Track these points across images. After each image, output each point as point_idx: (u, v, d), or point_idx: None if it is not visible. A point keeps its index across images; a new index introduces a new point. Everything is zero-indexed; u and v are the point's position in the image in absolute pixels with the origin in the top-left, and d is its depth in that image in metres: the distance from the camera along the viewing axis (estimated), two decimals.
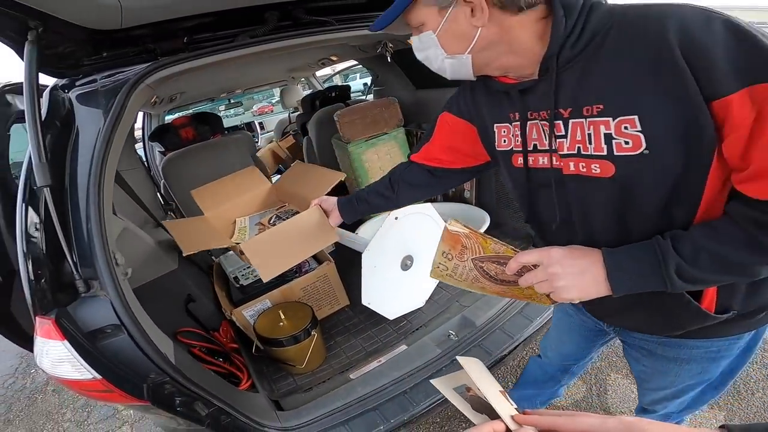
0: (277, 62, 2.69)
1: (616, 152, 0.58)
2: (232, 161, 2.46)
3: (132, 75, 1.13)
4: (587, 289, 0.62)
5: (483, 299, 1.67)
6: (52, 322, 0.89)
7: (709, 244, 0.56)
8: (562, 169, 0.67)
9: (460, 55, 0.66)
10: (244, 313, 1.63)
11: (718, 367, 0.83)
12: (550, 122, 0.65)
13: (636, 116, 0.55)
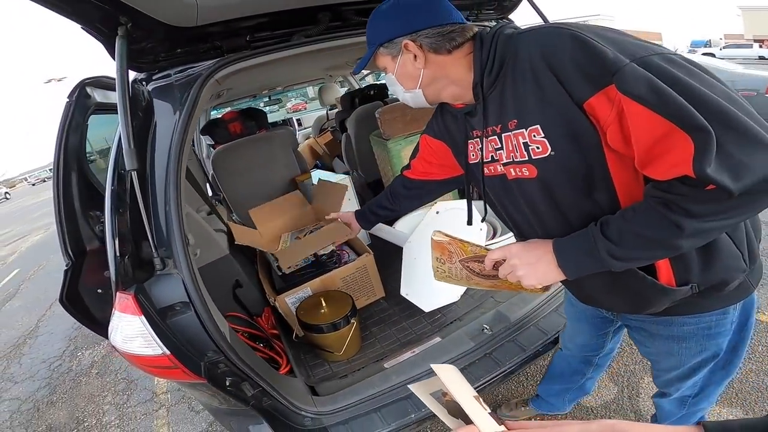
0: (319, 61, 2.78)
1: (533, 156, 0.71)
2: (275, 155, 2.58)
3: (203, 70, 1.23)
4: (545, 275, 0.75)
5: (519, 296, 1.68)
6: (132, 297, 0.97)
7: (630, 226, 0.64)
8: (506, 174, 0.80)
9: (414, 90, 0.83)
10: (287, 300, 1.72)
11: (716, 344, 0.88)
12: (481, 139, 0.81)
13: (538, 125, 0.67)
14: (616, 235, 0.65)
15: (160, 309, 1.03)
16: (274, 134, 2.62)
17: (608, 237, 0.66)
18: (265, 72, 2.37)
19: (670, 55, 0.59)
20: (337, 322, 1.52)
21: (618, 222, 0.66)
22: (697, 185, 0.56)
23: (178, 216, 1.08)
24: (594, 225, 0.69)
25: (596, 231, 0.67)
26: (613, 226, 0.66)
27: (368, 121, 2.68)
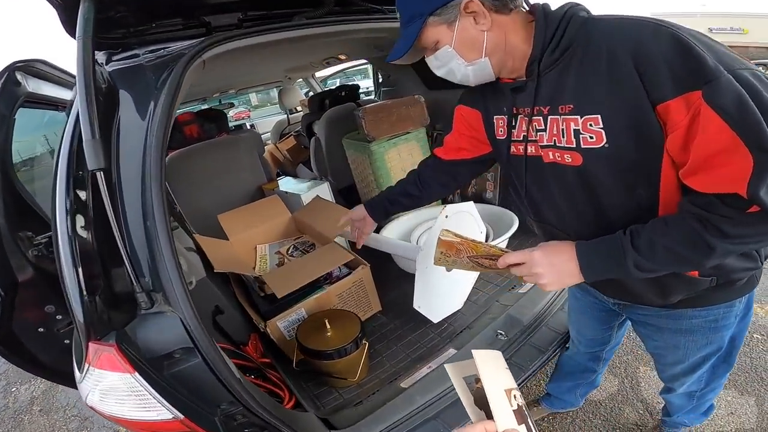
0: (280, 60, 2.59)
1: (582, 145, 0.68)
2: (240, 160, 2.33)
3: (186, 49, 1.02)
4: (565, 281, 0.74)
5: (526, 297, 1.64)
6: (116, 349, 0.73)
7: (662, 240, 0.64)
8: (543, 157, 0.77)
9: (479, 60, 0.73)
10: (279, 325, 1.50)
11: (721, 337, 0.92)
12: (529, 118, 0.76)
13: (599, 115, 0.65)
14: (646, 248, 0.65)
15: (154, 359, 0.79)
16: (238, 138, 2.36)
17: (637, 248, 0.66)
18: (229, 66, 2.13)
19: (757, 72, 0.58)
20: (347, 347, 1.33)
21: (649, 234, 0.65)
22: (739, 207, 0.57)
23: (166, 233, 0.85)
24: (623, 234, 0.68)
25: (626, 241, 0.67)
26: (644, 238, 0.65)
27: (341, 123, 2.53)
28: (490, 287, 1.82)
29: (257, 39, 1.12)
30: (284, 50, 1.95)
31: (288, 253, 1.86)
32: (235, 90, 3.79)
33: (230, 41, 1.07)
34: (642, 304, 0.91)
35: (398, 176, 2.27)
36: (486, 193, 2.34)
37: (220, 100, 4.15)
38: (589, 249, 0.72)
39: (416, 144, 2.29)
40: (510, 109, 0.81)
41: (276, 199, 2.07)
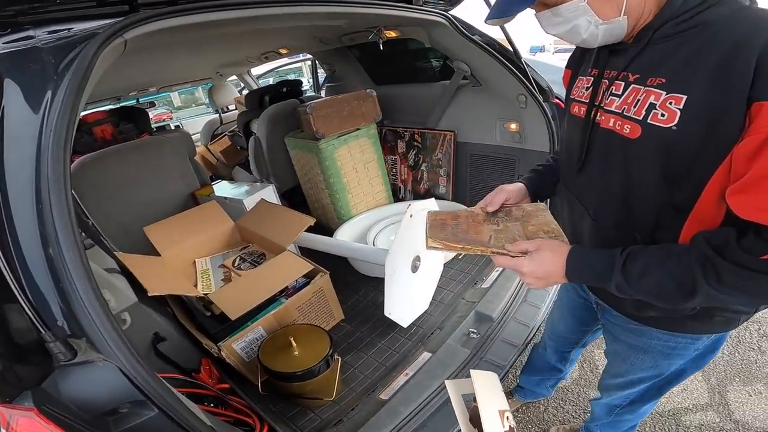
0: (214, 53, 2.34)
1: (649, 120, 0.63)
2: (167, 165, 2.03)
3: (99, 28, 0.82)
4: (551, 284, 0.73)
5: (491, 292, 1.63)
6: (36, 412, 0.56)
7: (655, 273, 0.62)
8: (601, 123, 0.72)
9: (616, 19, 0.64)
10: (235, 347, 1.32)
11: (669, 365, 0.90)
12: (610, 81, 0.71)
13: (685, 96, 0.59)
14: (636, 277, 0.63)
15: (94, 419, 0.61)
16: (163, 139, 2.06)
17: (627, 274, 0.64)
18: (153, 57, 1.86)
19: None
20: (318, 366, 1.20)
21: (644, 263, 0.63)
22: (755, 250, 0.54)
23: (79, 260, 0.65)
24: (620, 254, 0.65)
25: (619, 264, 0.64)
26: (638, 266, 0.63)
27: (283, 121, 2.35)
28: (454, 284, 1.79)
29: (195, 18, 0.95)
30: (221, 40, 1.74)
31: (234, 266, 1.66)
32: (156, 88, 3.37)
33: (162, 19, 0.89)
34: (616, 309, 0.89)
35: (350, 175, 2.19)
36: (439, 188, 2.32)
37: (138, 99, 3.68)
38: (580, 261, 0.69)
39: (368, 140, 2.19)
40: (602, 70, 0.74)
41: (214, 205, 1.84)
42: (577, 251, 0.70)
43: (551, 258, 0.70)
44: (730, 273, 0.56)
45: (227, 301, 1.34)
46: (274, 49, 2.57)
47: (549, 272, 0.70)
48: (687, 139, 0.59)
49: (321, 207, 2.36)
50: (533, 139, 1.83)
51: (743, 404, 1.62)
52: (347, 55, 2.62)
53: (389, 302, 1.35)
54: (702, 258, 0.58)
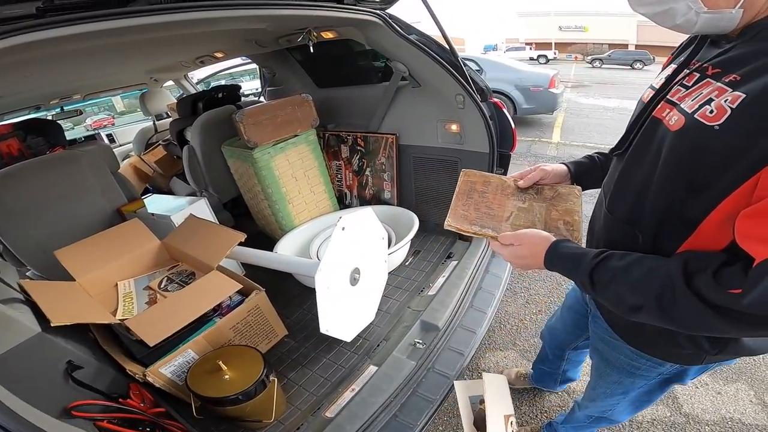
0: (145, 57, 2.17)
1: (697, 115, 0.57)
2: (85, 180, 1.85)
3: None
4: (531, 268, 0.78)
5: (436, 299, 1.60)
6: None
7: (620, 284, 0.62)
8: (656, 112, 0.67)
9: (727, 10, 0.55)
10: (164, 372, 1.21)
11: (632, 384, 0.91)
12: (690, 71, 0.64)
13: (744, 96, 0.52)
14: (603, 283, 0.64)
15: None
16: (77, 153, 1.87)
17: (594, 279, 0.65)
18: (51, 69, 1.68)
19: None
20: (251, 389, 1.13)
21: (613, 272, 0.63)
22: (728, 282, 0.50)
23: None
24: (594, 258, 0.65)
25: (586, 267, 0.65)
26: (608, 274, 0.63)
27: (219, 128, 2.22)
28: (399, 293, 1.75)
29: (73, 29, 0.83)
30: (143, 46, 1.60)
31: (161, 288, 1.53)
32: (81, 95, 3.12)
33: (20, 34, 0.77)
34: (599, 312, 0.90)
35: (289, 184, 2.09)
36: (384, 193, 2.27)
37: (62, 107, 3.39)
38: (556, 258, 0.71)
39: (307, 147, 2.10)
40: (687, 60, 0.67)
41: (136, 223, 1.69)
42: (553, 252, 0.72)
43: (530, 248, 0.75)
44: (685, 302, 0.54)
45: (146, 327, 1.22)
46: (209, 54, 2.43)
47: (529, 263, 0.75)
48: (724, 143, 0.52)
49: (263, 218, 2.25)
50: (474, 140, 1.82)
51: (691, 397, 1.68)
52: (287, 58, 2.52)
53: (325, 319, 1.28)
54: (667, 281, 0.56)
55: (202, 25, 1.14)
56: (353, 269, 1.42)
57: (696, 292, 0.52)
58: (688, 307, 0.53)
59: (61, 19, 0.83)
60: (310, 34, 1.61)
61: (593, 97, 9.71)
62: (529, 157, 5.06)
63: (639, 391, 0.92)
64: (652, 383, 0.87)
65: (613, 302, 0.64)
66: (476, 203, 0.90)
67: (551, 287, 2.43)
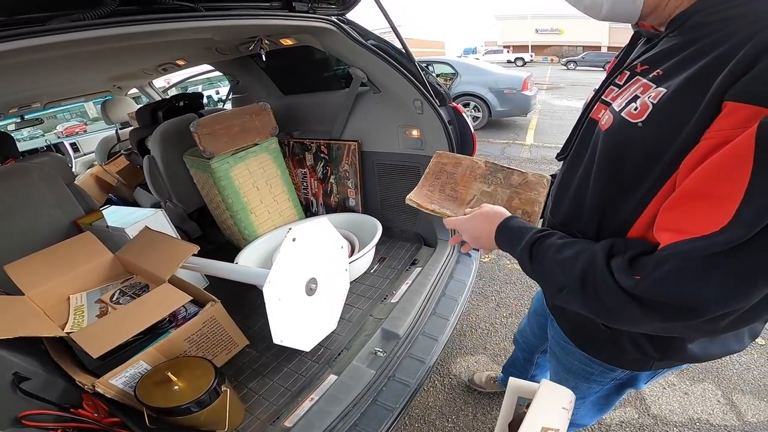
0: (102, 66, 2.12)
1: (623, 113, 0.56)
2: (37, 193, 1.80)
3: None
4: (484, 246, 0.78)
5: (397, 308, 1.60)
6: None
7: (553, 260, 0.61)
8: (592, 113, 0.68)
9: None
10: (114, 383, 1.20)
11: (588, 389, 0.90)
12: (628, 72, 0.62)
13: (665, 90, 0.51)
14: (538, 259, 0.64)
15: None
16: (29, 166, 1.81)
17: (532, 253, 0.65)
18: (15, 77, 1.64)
19: None
20: (203, 398, 1.12)
21: (550, 248, 0.63)
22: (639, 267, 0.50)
23: None
24: (538, 232, 0.66)
25: (529, 240, 0.65)
26: (545, 250, 0.63)
27: (179, 137, 2.18)
28: (363, 301, 1.74)
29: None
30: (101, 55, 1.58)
31: (112, 300, 1.50)
32: (41, 104, 3.03)
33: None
34: (552, 314, 0.90)
35: (250, 194, 2.06)
36: (349, 201, 2.26)
37: (23, 116, 3.28)
38: (503, 233, 0.73)
39: (268, 156, 2.07)
40: (623, 59, 0.67)
41: (88, 236, 1.65)
42: (502, 228, 0.73)
43: (482, 224, 0.76)
44: (603, 284, 0.53)
45: (90, 339, 1.20)
46: (170, 61, 2.39)
47: (480, 235, 0.77)
48: (648, 139, 0.52)
49: (228, 228, 2.22)
50: (434, 145, 1.83)
51: (659, 398, 1.68)
52: (250, 65, 2.49)
53: (276, 329, 1.26)
54: (591, 260, 0.55)
55: (142, 38, 1.11)
56: (309, 279, 1.40)
57: (611, 273, 0.52)
58: (605, 289, 0.53)
59: None
60: (261, 43, 1.59)
61: (566, 98, 9.91)
62: (503, 160, 5.12)
63: (597, 395, 0.92)
64: (608, 388, 0.87)
65: (544, 280, 0.64)
66: (442, 184, 0.92)
67: (522, 290, 2.46)
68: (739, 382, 1.74)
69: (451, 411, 1.72)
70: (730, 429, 1.55)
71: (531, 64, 24.05)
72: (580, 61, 21.05)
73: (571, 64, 21.26)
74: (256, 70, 2.49)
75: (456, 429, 1.65)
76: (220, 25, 1.15)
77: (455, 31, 42.77)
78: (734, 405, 1.64)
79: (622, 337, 0.70)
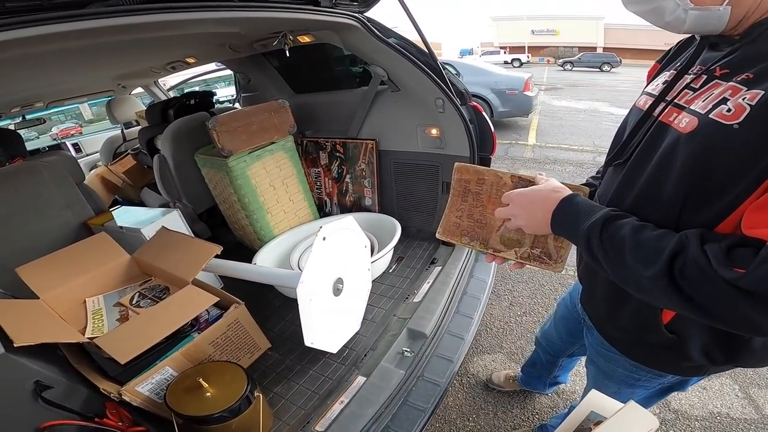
0: (112, 62, 2.07)
1: (711, 114, 0.54)
2: (47, 193, 1.75)
3: None
4: (531, 224, 0.72)
5: (421, 307, 1.57)
6: None
7: (633, 240, 0.56)
8: (663, 117, 0.64)
9: (714, 7, 0.54)
10: (140, 390, 1.16)
11: (631, 394, 0.88)
12: (695, 76, 0.62)
13: (762, 92, 0.49)
14: (611, 236, 0.59)
15: None
16: (38, 164, 1.77)
17: (604, 230, 0.59)
18: (20, 73, 1.59)
19: None
20: (236, 406, 1.08)
21: (627, 226, 0.57)
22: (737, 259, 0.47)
23: None
24: (610, 210, 0.61)
25: (600, 217, 0.60)
26: (622, 228, 0.58)
27: (191, 136, 2.14)
28: (384, 301, 1.72)
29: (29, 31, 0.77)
30: (109, 50, 1.54)
31: (132, 304, 1.46)
32: (44, 103, 2.97)
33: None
34: (592, 321, 0.87)
35: (267, 193, 2.03)
36: (365, 200, 2.24)
37: (24, 116, 3.22)
38: (572, 203, 0.66)
39: (284, 155, 2.04)
40: (687, 64, 0.65)
41: (104, 237, 1.60)
42: (571, 198, 0.67)
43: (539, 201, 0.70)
44: (697, 268, 0.49)
45: (117, 345, 1.16)
46: (180, 59, 2.35)
47: (535, 206, 0.70)
48: (744, 141, 0.50)
49: (241, 228, 2.18)
50: (454, 145, 1.82)
51: (678, 393, 1.70)
52: (263, 63, 2.46)
53: (309, 331, 1.24)
54: (681, 244, 0.51)
55: (171, 27, 1.08)
56: (336, 279, 1.38)
57: (707, 258, 0.49)
58: (700, 276, 0.49)
59: (11, 22, 0.77)
60: (286, 38, 1.57)
61: (565, 99, 9.99)
62: (507, 160, 5.13)
63: (638, 399, 0.90)
64: (652, 392, 0.86)
65: (615, 262, 0.58)
66: (470, 207, 0.87)
67: (534, 289, 2.46)
68: (755, 377, 1.76)
69: (472, 410, 1.72)
70: (750, 422, 1.56)
71: (528, 65, 24.19)
72: (576, 61, 21.21)
73: (568, 64, 21.41)
74: (269, 69, 2.46)
75: (478, 428, 1.64)
76: (251, 16, 1.12)
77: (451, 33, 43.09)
78: (752, 399, 1.66)
79: (689, 344, 0.67)
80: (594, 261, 0.61)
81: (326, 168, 2.30)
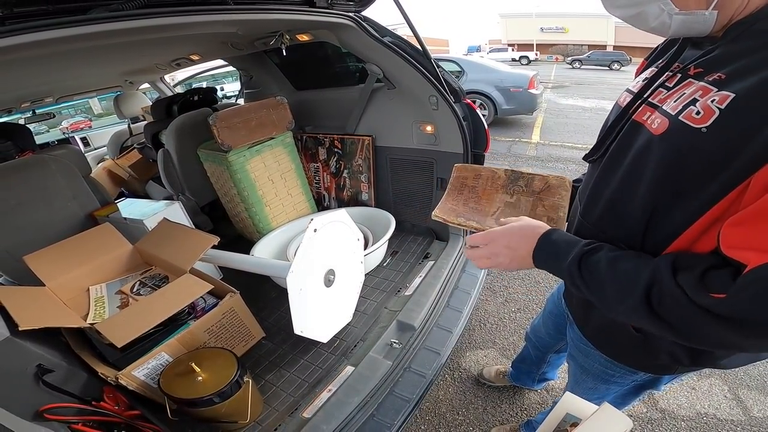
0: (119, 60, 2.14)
1: (681, 117, 0.54)
2: (55, 185, 1.82)
3: None
4: (513, 262, 0.71)
5: (412, 300, 1.62)
6: None
7: (610, 274, 0.58)
8: (636, 115, 0.64)
9: (699, 12, 0.54)
10: (137, 374, 1.21)
11: (606, 390, 0.90)
12: (672, 74, 0.61)
13: (733, 95, 0.49)
14: (589, 271, 0.60)
15: None
16: (47, 157, 1.84)
17: (582, 268, 0.61)
18: (31, 71, 1.66)
19: None
20: (225, 390, 1.13)
21: (603, 261, 0.59)
22: (713, 285, 0.47)
23: None
24: (587, 245, 0.62)
25: (578, 253, 0.62)
26: (597, 264, 0.59)
27: (194, 131, 2.20)
28: (377, 294, 1.76)
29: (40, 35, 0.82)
30: (118, 48, 1.59)
31: (133, 292, 1.52)
32: (54, 98, 3.05)
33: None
34: (572, 317, 0.90)
35: (265, 187, 2.08)
36: (362, 195, 2.28)
37: (34, 110, 3.30)
38: (548, 242, 0.67)
39: (283, 150, 2.10)
40: (669, 62, 0.64)
41: (108, 228, 1.67)
42: (548, 236, 0.67)
43: (521, 239, 0.70)
44: (672, 300, 0.50)
45: (115, 330, 1.22)
46: (184, 56, 2.41)
47: (517, 247, 0.70)
48: (712, 147, 0.49)
49: (241, 221, 2.24)
50: (448, 141, 1.85)
51: (666, 393, 1.71)
52: (264, 60, 2.51)
53: (298, 320, 1.29)
54: (656, 274, 0.52)
55: (169, 30, 1.13)
56: (327, 271, 1.43)
57: (682, 288, 0.50)
58: (676, 305, 0.50)
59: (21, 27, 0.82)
60: (282, 37, 1.61)
61: (572, 97, 9.89)
62: (509, 158, 5.13)
63: (614, 395, 0.92)
64: (627, 389, 0.88)
65: (599, 296, 0.60)
66: (465, 199, 0.91)
67: (529, 285, 2.48)
68: (745, 378, 1.76)
69: (461, 404, 1.75)
70: (737, 424, 1.56)
71: (536, 62, 23.99)
72: (585, 59, 20.98)
73: (577, 62, 21.19)
74: (270, 66, 2.51)
75: (466, 422, 1.67)
76: (247, 19, 1.17)
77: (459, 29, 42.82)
78: (740, 400, 1.66)
79: (656, 345, 0.69)
80: (580, 294, 0.63)
81: (325, 163, 2.35)
